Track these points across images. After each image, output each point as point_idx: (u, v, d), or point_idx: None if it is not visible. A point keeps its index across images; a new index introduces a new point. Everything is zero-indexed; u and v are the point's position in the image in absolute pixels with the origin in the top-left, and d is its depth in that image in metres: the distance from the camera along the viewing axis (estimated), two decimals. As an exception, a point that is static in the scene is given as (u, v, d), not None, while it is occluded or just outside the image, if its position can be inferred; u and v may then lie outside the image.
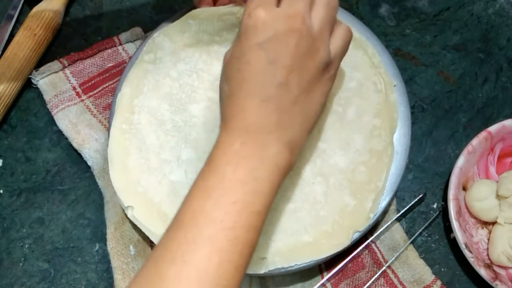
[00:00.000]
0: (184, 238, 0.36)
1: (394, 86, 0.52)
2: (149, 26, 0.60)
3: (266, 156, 0.39)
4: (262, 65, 0.39)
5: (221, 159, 0.38)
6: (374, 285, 0.52)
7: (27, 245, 0.55)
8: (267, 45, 0.39)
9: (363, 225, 0.48)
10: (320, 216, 0.49)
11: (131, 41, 0.60)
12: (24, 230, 0.55)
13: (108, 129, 0.52)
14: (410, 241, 0.53)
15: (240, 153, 0.38)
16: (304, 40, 0.40)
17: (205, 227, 0.36)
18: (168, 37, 0.53)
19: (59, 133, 0.57)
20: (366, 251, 0.53)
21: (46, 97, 0.58)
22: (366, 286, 0.51)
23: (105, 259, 0.54)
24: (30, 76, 0.58)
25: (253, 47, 0.40)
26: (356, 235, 0.49)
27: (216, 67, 0.53)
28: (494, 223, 0.53)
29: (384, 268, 0.52)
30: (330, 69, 0.43)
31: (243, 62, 0.40)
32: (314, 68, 0.41)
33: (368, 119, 0.51)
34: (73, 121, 0.57)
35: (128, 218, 0.51)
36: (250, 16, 0.40)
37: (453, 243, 0.53)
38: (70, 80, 0.59)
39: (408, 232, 0.54)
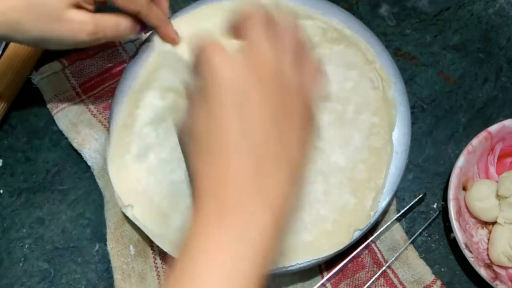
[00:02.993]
0: None
1: (393, 83, 0.52)
2: (149, 26, 0.60)
3: (249, 236, 0.31)
4: (235, 127, 0.33)
5: (196, 250, 0.31)
6: (374, 285, 0.52)
7: (27, 245, 0.55)
8: (236, 101, 0.33)
9: (363, 223, 0.48)
10: (321, 215, 0.49)
11: (131, 41, 0.60)
12: (24, 230, 0.55)
13: (108, 129, 0.52)
14: (410, 241, 0.53)
15: (218, 240, 0.31)
16: (275, 86, 0.34)
17: None
18: None
19: (59, 133, 0.57)
20: (366, 251, 0.53)
21: (46, 97, 0.58)
22: (366, 286, 0.51)
23: (105, 259, 0.54)
24: (30, 76, 0.58)
25: (222, 105, 0.33)
26: (357, 234, 0.49)
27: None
28: (494, 223, 0.53)
29: (384, 268, 0.52)
30: (311, 121, 0.37)
31: (214, 122, 0.33)
32: (291, 120, 0.35)
33: (367, 117, 0.51)
34: (73, 121, 0.57)
35: (128, 218, 0.51)
36: (213, 70, 0.33)
37: (453, 243, 0.53)
38: (70, 80, 0.58)
39: (408, 232, 0.54)
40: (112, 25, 0.45)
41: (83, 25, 0.42)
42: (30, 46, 0.55)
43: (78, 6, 0.43)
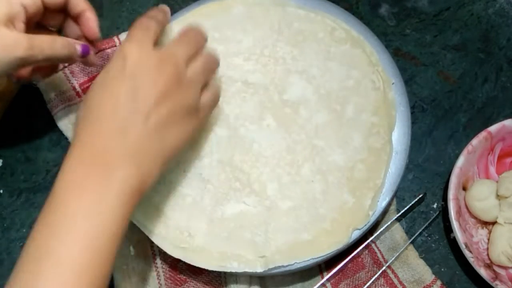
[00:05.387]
0: (28, 278, 0.35)
1: (393, 84, 0.52)
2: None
3: (113, 184, 0.38)
4: (126, 94, 0.40)
5: (64, 191, 0.37)
6: (374, 285, 0.52)
7: (27, 245, 0.55)
8: (135, 77, 0.40)
9: (362, 223, 0.48)
10: (319, 214, 0.49)
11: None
12: (24, 230, 0.55)
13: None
14: (410, 241, 0.53)
15: (84, 184, 0.37)
16: (173, 79, 0.41)
17: (50, 266, 0.35)
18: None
19: (59, 133, 0.57)
20: (366, 251, 0.53)
21: (46, 97, 0.58)
22: (366, 286, 0.51)
23: (104, 259, 0.54)
24: (30, 76, 0.58)
25: (119, 77, 0.40)
26: (356, 234, 0.49)
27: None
28: (494, 223, 0.53)
29: (384, 268, 0.52)
30: (195, 117, 0.44)
31: (107, 90, 0.40)
32: (178, 109, 0.42)
33: (366, 117, 0.51)
34: (73, 121, 0.57)
35: (127, 218, 0.51)
36: (122, 50, 0.41)
37: (453, 243, 0.53)
38: (70, 80, 0.59)
39: (408, 232, 0.54)
40: (48, 40, 0.45)
41: (17, 40, 0.43)
42: None
43: (8, 26, 0.43)
